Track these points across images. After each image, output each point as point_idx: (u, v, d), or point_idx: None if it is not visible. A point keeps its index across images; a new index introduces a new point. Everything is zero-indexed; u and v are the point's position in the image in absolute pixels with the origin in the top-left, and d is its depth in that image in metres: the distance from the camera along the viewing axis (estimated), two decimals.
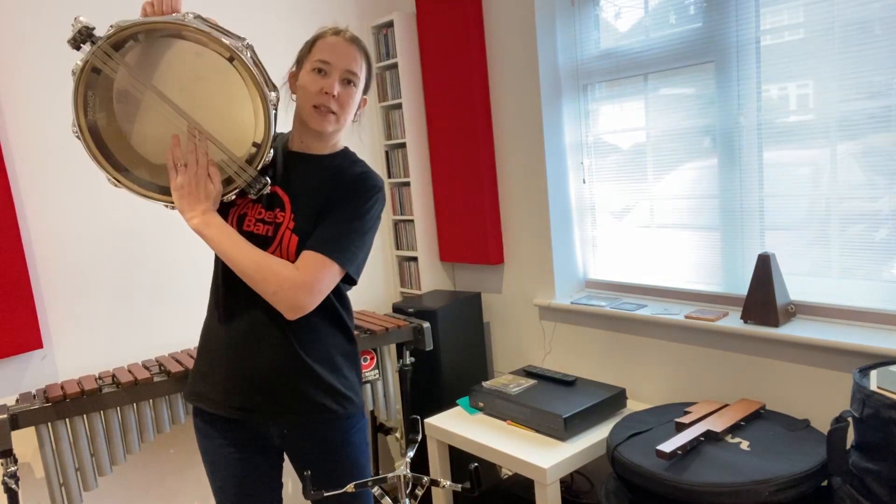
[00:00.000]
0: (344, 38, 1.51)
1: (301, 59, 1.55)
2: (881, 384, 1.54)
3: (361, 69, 1.53)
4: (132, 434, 2.15)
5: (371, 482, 1.43)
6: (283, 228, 1.52)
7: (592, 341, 2.68)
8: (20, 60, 2.25)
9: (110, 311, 2.45)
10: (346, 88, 1.51)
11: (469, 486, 1.39)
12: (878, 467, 1.48)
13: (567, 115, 2.74)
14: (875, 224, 1.96)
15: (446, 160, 3.02)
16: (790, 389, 2.10)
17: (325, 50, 1.49)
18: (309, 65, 1.50)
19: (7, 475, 1.94)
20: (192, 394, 1.61)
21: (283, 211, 1.53)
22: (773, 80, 2.11)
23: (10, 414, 1.95)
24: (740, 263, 2.30)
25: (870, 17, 1.88)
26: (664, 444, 1.83)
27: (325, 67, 1.48)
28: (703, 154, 2.34)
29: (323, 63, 1.48)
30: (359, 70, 1.52)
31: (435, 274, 3.20)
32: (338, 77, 1.49)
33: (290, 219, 1.52)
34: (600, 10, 2.57)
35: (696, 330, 2.32)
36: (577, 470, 2.73)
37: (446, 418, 2.50)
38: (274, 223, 1.53)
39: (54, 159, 2.32)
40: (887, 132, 1.90)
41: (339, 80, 1.49)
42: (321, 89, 1.48)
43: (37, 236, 2.30)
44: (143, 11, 1.44)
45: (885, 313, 1.97)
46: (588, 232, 2.80)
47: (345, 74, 1.50)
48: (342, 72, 1.49)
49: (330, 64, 1.48)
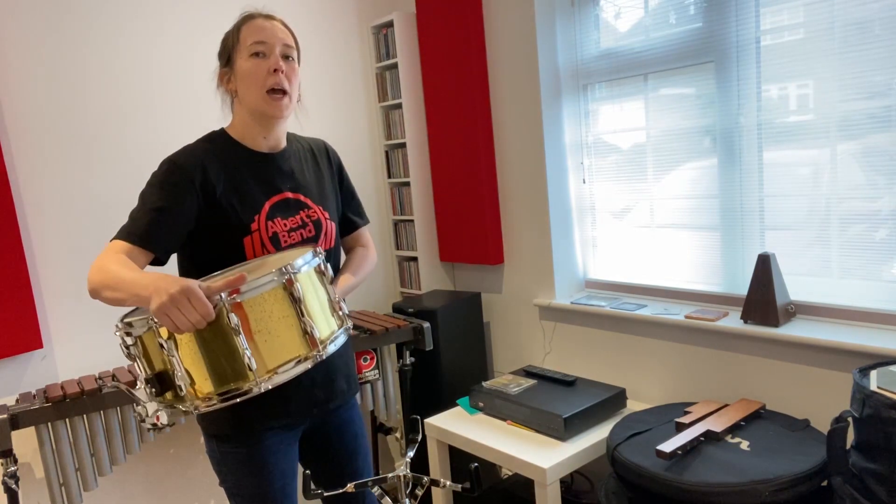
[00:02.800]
0: (266, 18, 1.47)
1: (229, 52, 1.48)
2: (881, 384, 1.54)
3: (292, 41, 1.50)
4: (132, 434, 2.15)
5: (371, 482, 1.43)
6: (324, 222, 1.58)
7: (592, 341, 2.67)
8: (20, 60, 2.25)
9: (110, 311, 2.45)
10: (288, 64, 1.47)
11: (469, 486, 1.39)
12: (878, 467, 1.48)
13: (567, 115, 2.74)
14: (875, 224, 1.96)
15: (446, 160, 3.02)
16: (790, 389, 2.10)
17: (255, 32, 1.45)
18: (244, 52, 1.44)
19: (7, 475, 1.94)
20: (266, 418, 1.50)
21: (309, 208, 1.56)
22: (773, 80, 2.11)
23: (10, 414, 1.95)
24: (740, 263, 2.30)
25: (870, 17, 1.88)
26: (664, 444, 1.83)
27: (263, 49, 1.44)
28: (703, 154, 2.34)
29: (259, 44, 1.44)
30: (292, 43, 1.49)
31: (435, 274, 3.20)
32: (278, 54, 1.45)
33: (320, 211, 1.58)
34: (600, 10, 2.57)
35: (696, 330, 2.32)
36: (577, 470, 2.73)
37: (446, 418, 2.49)
38: (311, 222, 1.55)
39: (54, 159, 2.32)
40: (887, 132, 1.89)
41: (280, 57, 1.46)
42: (268, 69, 1.43)
43: (37, 236, 2.30)
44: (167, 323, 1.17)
45: (885, 313, 1.96)
46: (588, 232, 2.80)
47: (283, 50, 1.47)
48: (281, 48, 1.46)
49: (266, 43, 1.44)
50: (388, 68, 3.10)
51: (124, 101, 2.46)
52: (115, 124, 2.45)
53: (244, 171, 1.49)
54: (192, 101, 2.62)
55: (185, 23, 2.60)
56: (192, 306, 1.12)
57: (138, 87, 2.50)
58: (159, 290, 1.13)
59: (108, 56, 2.43)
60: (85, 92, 2.38)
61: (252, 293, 1.19)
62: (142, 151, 2.51)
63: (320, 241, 1.57)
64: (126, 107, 2.47)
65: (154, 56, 2.53)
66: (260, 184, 1.50)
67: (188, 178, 1.40)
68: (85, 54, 2.37)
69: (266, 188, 1.50)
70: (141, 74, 2.50)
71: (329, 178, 1.65)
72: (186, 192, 1.40)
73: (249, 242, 1.46)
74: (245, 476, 1.50)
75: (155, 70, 2.53)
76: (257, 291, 1.19)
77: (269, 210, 1.49)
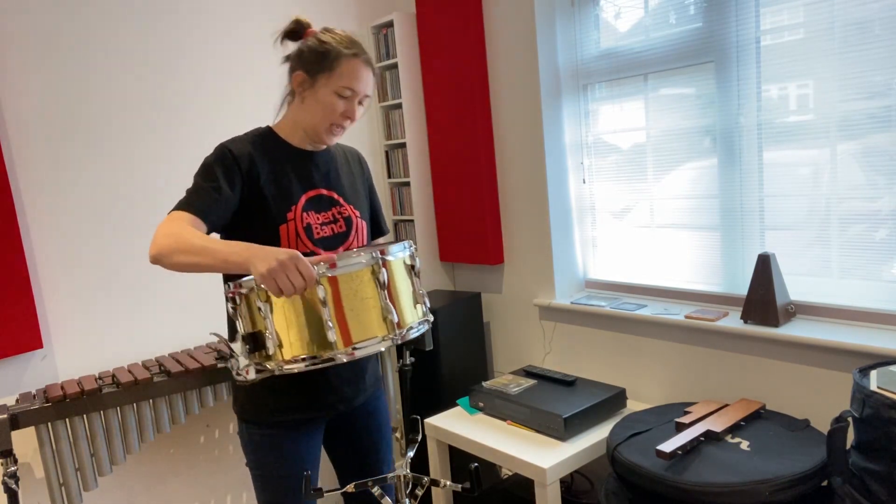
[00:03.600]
0: (363, 62, 1.56)
1: (315, 70, 1.53)
2: (881, 384, 1.54)
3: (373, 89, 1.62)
4: (132, 434, 2.15)
5: (371, 482, 1.43)
6: (355, 220, 1.67)
7: (592, 341, 2.67)
8: (21, 59, 2.25)
9: (110, 311, 2.45)
10: (360, 109, 1.60)
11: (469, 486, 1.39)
12: (878, 467, 1.48)
13: (567, 115, 2.74)
14: (875, 224, 1.96)
15: (446, 160, 3.02)
16: (790, 389, 2.10)
17: (348, 76, 1.53)
18: (331, 87, 1.53)
19: (7, 475, 1.94)
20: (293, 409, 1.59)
21: (341, 206, 1.65)
22: (773, 80, 2.11)
23: (10, 414, 1.95)
24: (740, 263, 2.30)
25: (870, 17, 1.88)
26: (664, 444, 1.83)
27: (350, 95, 1.54)
28: (703, 154, 2.34)
29: (349, 90, 1.53)
30: (372, 92, 1.61)
31: (435, 274, 3.20)
32: (357, 100, 1.57)
33: (351, 210, 1.67)
34: (600, 10, 2.57)
35: (696, 330, 2.32)
36: (577, 470, 2.73)
37: (446, 418, 2.49)
38: (342, 218, 1.64)
39: (54, 159, 2.32)
40: (887, 132, 1.89)
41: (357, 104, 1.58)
42: (344, 115, 1.56)
43: (37, 236, 2.30)
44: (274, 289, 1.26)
45: (885, 313, 1.96)
46: (588, 232, 2.80)
47: (363, 99, 1.59)
48: (361, 97, 1.58)
49: (354, 91, 1.54)
50: (388, 68, 3.10)
51: (125, 100, 2.46)
52: (116, 123, 2.45)
53: (286, 165, 1.60)
54: (194, 102, 2.62)
55: (187, 24, 2.60)
56: (298, 272, 1.22)
57: (139, 87, 2.50)
58: (265, 257, 1.23)
59: (109, 55, 2.43)
60: (85, 91, 2.38)
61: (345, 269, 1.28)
62: (142, 151, 2.51)
63: (351, 237, 1.66)
64: (126, 106, 2.47)
65: (154, 56, 2.53)
66: (298, 178, 1.61)
67: (238, 163, 1.52)
68: (85, 52, 2.37)
69: (304, 182, 1.61)
70: (141, 74, 2.50)
71: (361, 183, 1.77)
72: (236, 175, 1.51)
73: (285, 230, 1.55)
74: (268, 459, 1.60)
75: (156, 70, 2.53)
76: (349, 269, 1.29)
77: (304, 203, 1.59)
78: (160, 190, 2.55)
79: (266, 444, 1.60)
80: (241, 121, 2.75)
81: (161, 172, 2.56)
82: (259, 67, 2.79)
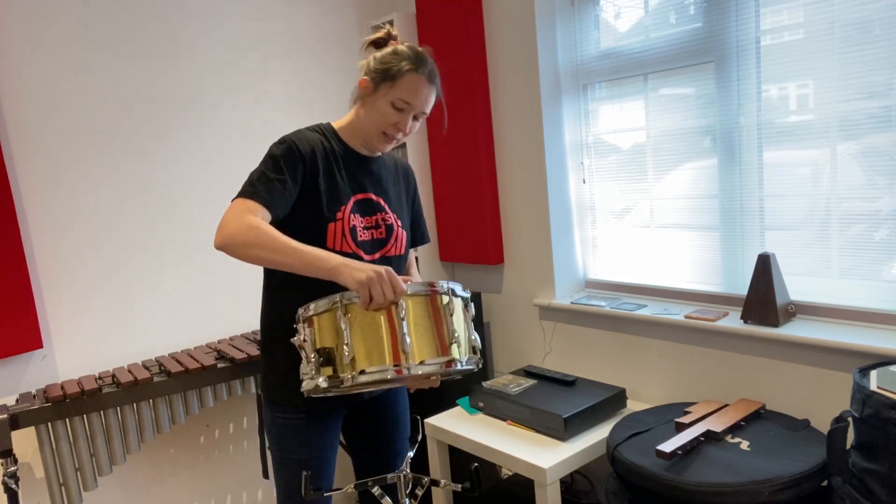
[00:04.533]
0: (426, 78, 1.58)
1: (379, 80, 1.58)
2: (881, 384, 1.54)
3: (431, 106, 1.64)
4: (132, 434, 2.15)
5: (371, 482, 1.43)
6: (396, 228, 1.71)
7: (592, 341, 2.67)
8: (22, 58, 2.25)
9: (110, 311, 2.45)
10: (414, 123, 1.64)
11: (469, 486, 1.39)
12: (878, 467, 1.48)
13: (567, 115, 2.74)
14: (875, 224, 1.96)
15: (446, 160, 3.02)
16: (790, 389, 2.10)
17: (408, 90, 1.57)
18: (389, 97, 1.57)
19: (7, 475, 1.94)
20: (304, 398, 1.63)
21: (386, 213, 1.69)
22: (773, 80, 2.11)
23: (10, 414, 1.95)
24: (740, 263, 2.30)
25: (870, 17, 1.88)
26: (664, 444, 1.83)
27: (406, 108, 1.58)
28: (703, 154, 2.34)
29: (405, 103, 1.58)
30: (429, 109, 1.64)
31: (435, 274, 3.20)
32: (412, 115, 1.61)
33: (394, 218, 1.72)
34: (600, 10, 2.57)
35: (696, 330, 2.32)
36: (577, 470, 2.73)
37: (446, 418, 2.49)
38: (384, 225, 1.68)
39: (54, 159, 2.32)
40: (887, 132, 1.89)
41: (412, 118, 1.61)
42: (396, 125, 1.60)
43: (37, 236, 2.30)
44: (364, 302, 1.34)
45: (885, 313, 1.96)
46: (588, 232, 2.80)
47: (419, 115, 1.62)
48: (417, 112, 1.61)
49: (410, 105, 1.58)
50: None
51: (126, 100, 2.46)
52: (117, 123, 2.45)
53: (342, 166, 1.64)
54: (194, 102, 2.62)
55: (188, 24, 2.60)
56: (391, 285, 1.31)
57: (141, 87, 2.50)
58: (363, 267, 1.32)
59: (111, 55, 2.42)
60: (87, 91, 2.38)
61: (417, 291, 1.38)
62: (143, 151, 2.51)
63: (390, 244, 1.70)
64: (128, 106, 2.47)
65: (157, 56, 2.53)
66: (351, 180, 1.66)
67: (303, 159, 1.57)
68: (86, 51, 2.37)
69: (354, 185, 1.66)
70: (143, 74, 2.50)
71: (405, 195, 1.83)
72: (299, 171, 1.56)
73: (332, 228, 1.60)
74: (290, 443, 1.67)
75: (158, 70, 2.53)
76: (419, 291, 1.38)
77: (352, 205, 1.64)
78: (161, 190, 2.55)
79: (288, 428, 1.66)
80: (245, 122, 2.75)
81: (162, 173, 2.56)
82: (261, 69, 2.79)
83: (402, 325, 1.32)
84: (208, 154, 2.67)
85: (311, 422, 1.66)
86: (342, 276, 1.34)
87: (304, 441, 1.67)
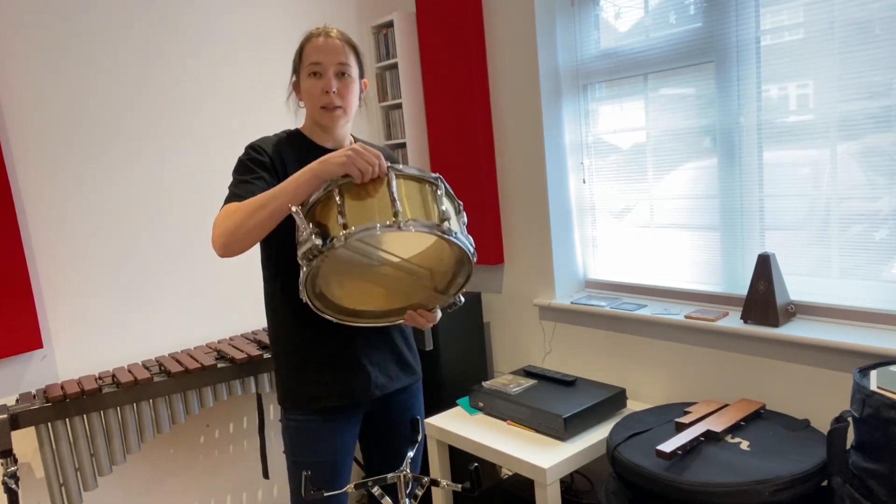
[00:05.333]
0: (327, 36, 1.61)
1: (296, 67, 1.66)
2: (881, 384, 1.54)
3: (350, 58, 1.63)
4: (132, 434, 2.15)
5: (371, 482, 1.43)
6: None
7: (592, 341, 2.67)
8: (21, 57, 2.25)
9: (110, 311, 2.45)
10: (342, 80, 1.62)
11: (469, 486, 1.39)
12: (878, 467, 1.48)
13: (567, 115, 2.74)
14: (875, 224, 1.96)
15: (446, 160, 3.02)
16: (790, 389, 2.10)
17: (313, 52, 1.60)
18: (304, 71, 1.62)
19: (7, 475, 1.94)
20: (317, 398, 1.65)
21: None
22: (773, 80, 2.11)
23: (10, 414, 1.95)
24: (740, 263, 2.30)
25: (870, 17, 1.88)
26: (664, 444, 1.83)
27: (319, 69, 1.60)
28: (702, 154, 2.34)
29: (315, 65, 1.60)
30: (348, 60, 1.62)
31: None
32: (332, 73, 1.60)
33: None
34: (600, 10, 2.57)
35: (696, 330, 2.32)
36: (577, 470, 2.73)
37: (446, 418, 2.49)
38: None
39: (55, 159, 2.33)
40: (887, 132, 1.89)
41: (334, 76, 1.60)
42: (321, 90, 1.60)
43: (37, 236, 2.30)
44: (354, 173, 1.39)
45: (885, 313, 1.96)
46: (588, 232, 2.80)
47: (337, 68, 1.61)
48: (334, 66, 1.60)
49: (321, 64, 1.59)
50: (388, 68, 3.10)
51: (127, 100, 2.46)
52: (117, 124, 2.45)
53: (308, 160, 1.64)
54: (196, 102, 2.62)
55: (189, 24, 2.60)
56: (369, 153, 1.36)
57: (141, 87, 2.50)
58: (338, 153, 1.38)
59: (111, 55, 2.43)
60: (87, 91, 2.38)
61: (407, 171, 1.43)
62: (143, 151, 2.51)
63: None
64: (128, 106, 2.47)
65: (157, 57, 2.53)
66: None
67: (266, 154, 1.61)
68: (86, 51, 2.37)
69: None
70: (144, 74, 2.50)
71: None
72: (266, 165, 1.61)
73: None
74: (301, 446, 1.67)
75: (158, 70, 2.53)
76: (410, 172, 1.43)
77: None
78: (161, 190, 2.55)
79: (300, 432, 1.66)
80: (244, 122, 2.75)
81: (162, 173, 2.56)
82: (261, 69, 2.79)
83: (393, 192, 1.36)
84: (209, 154, 2.67)
85: (324, 425, 1.66)
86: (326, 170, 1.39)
87: (315, 445, 1.66)
